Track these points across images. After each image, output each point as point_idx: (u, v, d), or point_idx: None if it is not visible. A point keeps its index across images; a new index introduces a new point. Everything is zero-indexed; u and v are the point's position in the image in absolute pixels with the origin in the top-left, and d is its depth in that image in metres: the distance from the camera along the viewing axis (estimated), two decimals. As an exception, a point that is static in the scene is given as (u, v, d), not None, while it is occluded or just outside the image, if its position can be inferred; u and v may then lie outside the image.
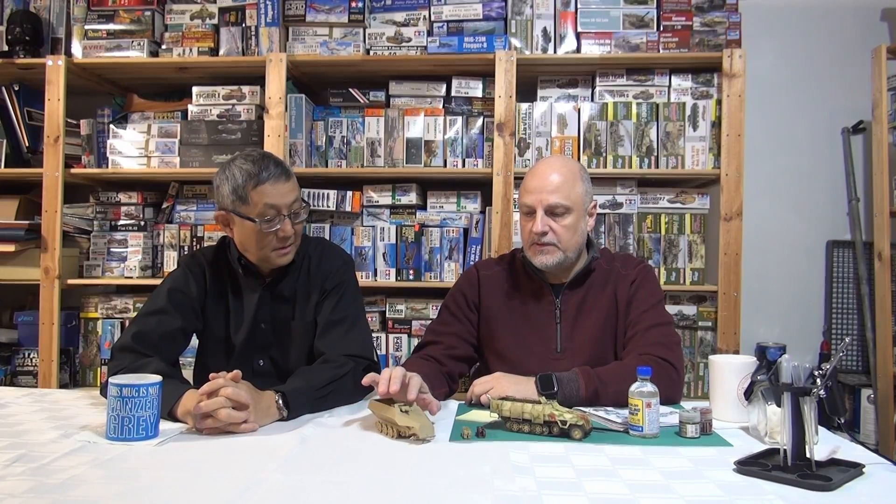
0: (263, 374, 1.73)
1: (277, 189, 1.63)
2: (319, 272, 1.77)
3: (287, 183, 1.66)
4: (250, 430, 1.36)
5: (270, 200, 1.62)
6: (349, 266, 1.84)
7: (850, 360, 2.91)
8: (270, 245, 1.66)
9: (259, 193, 1.62)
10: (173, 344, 1.69)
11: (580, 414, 1.35)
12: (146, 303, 1.73)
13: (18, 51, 2.64)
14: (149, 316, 1.67)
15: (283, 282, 1.76)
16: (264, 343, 1.76)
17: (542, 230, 1.71)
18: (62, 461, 1.17)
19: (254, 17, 2.63)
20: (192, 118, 2.67)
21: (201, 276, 1.76)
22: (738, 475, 1.15)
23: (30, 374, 2.62)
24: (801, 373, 1.20)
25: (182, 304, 1.70)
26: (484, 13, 2.59)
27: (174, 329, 1.66)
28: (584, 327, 1.76)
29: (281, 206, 1.64)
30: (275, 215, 1.64)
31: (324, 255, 1.81)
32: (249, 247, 1.69)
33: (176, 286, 1.72)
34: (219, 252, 1.80)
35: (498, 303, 1.83)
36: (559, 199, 1.72)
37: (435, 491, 1.07)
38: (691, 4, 2.55)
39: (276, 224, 1.64)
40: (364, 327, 1.80)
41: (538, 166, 1.81)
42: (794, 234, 2.94)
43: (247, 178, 1.63)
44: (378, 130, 2.63)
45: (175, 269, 1.82)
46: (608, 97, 2.59)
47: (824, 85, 2.93)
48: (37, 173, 2.60)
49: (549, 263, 1.74)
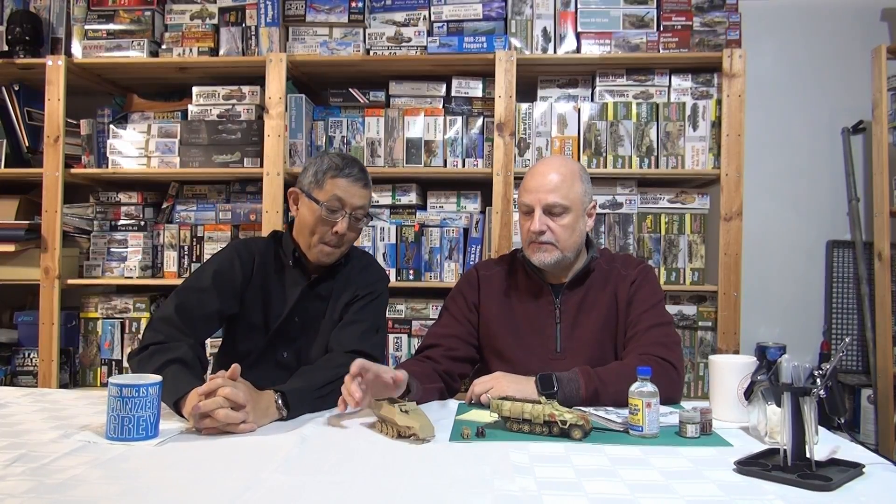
0: (286, 366, 1.75)
1: (351, 188, 1.75)
2: (359, 281, 1.84)
3: (363, 189, 1.77)
4: (249, 430, 1.36)
5: (340, 193, 1.74)
6: (385, 283, 1.92)
7: (850, 360, 2.91)
8: (323, 235, 1.75)
9: (334, 184, 1.74)
10: (208, 325, 1.74)
11: (580, 414, 1.35)
12: (190, 277, 1.78)
13: (18, 51, 2.64)
14: (192, 292, 1.71)
15: (325, 282, 1.82)
16: (293, 336, 1.80)
17: (540, 229, 1.72)
18: (62, 461, 1.17)
19: (254, 17, 2.63)
20: (192, 118, 2.67)
21: (249, 263, 1.80)
22: (738, 475, 1.15)
23: (30, 374, 2.62)
24: (801, 373, 1.20)
25: (224, 288, 1.74)
26: (484, 13, 2.59)
27: (212, 311, 1.71)
28: (584, 327, 1.76)
29: (347, 202, 1.74)
30: (339, 208, 1.74)
31: (367, 267, 1.89)
32: (305, 230, 1.77)
33: (222, 269, 1.76)
34: (270, 243, 1.86)
35: (498, 303, 1.83)
36: (557, 198, 1.72)
37: (435, 491, 1.07)
38: (691, 4, 2.55)
39: (336, 216, 1.74)
40: (380, 333, 1.84)
41: (537, 166, 1.81)
42: (794, 234, 2.94)
43: (330, 167, 1.76)
44: (378, 130, 2.63)
45: (223, 249, 1.86)
46: (608, 97, 2.59)
47: (824, 85, 2.93)
48: (37, 173, 2.60)
49: (547, 262, 1.74)
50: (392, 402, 1.39)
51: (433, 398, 1.66)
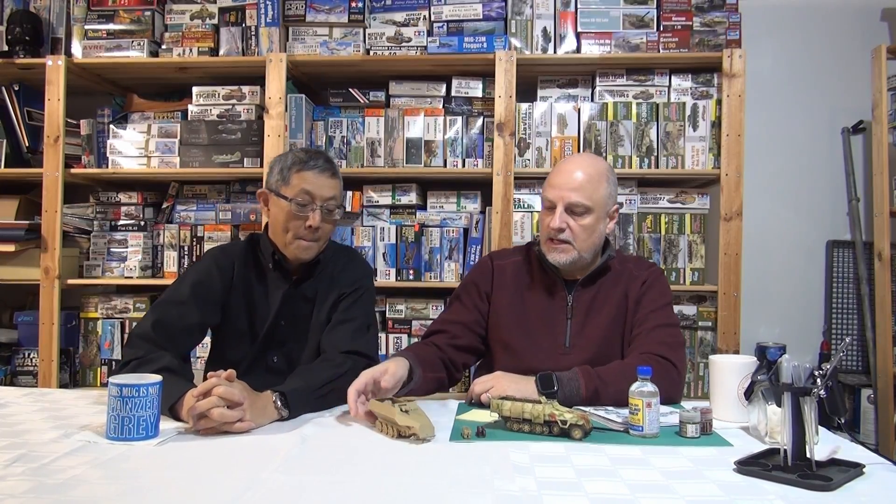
0: (276, 371, 1.74)
1: (318, 179, 1.73)
2: (343, 278, 1.82)
3: (330, 179, 1.75)
4: (246, 430, 1.35)
5: (308, 187, 1.72)
6: (370, 277, 1.92)
7: (850, 360, 2.91)
8: (297, 231, 1.72)
9: (300, 177, 1.72)
10: (189, 338, 1.72)
11: (580, 413, 1.35)
12: (168, 290, 1.75)
13: (18, 51, 2.64)
14: (170, 306, 1.69)
15: (307, 281, 1.80)
16: (281, 339, 1.79)
17: (560, 226, 1.71)
18: (62, 461, 1.17)
19: (254, 17, 2.63)
20: (192, 118, 2.67)
21: (229, 270, 1.78)
22: (738, 475, 1.15)
23: (30, 374, 2.62)
24: (802, 373, 1.20)
25: (204, 299, 1.72)
26: (484, 13, 2.59)
27: (193, 324, 1.69)
28: (594, 325, 1.76)
29: (316, 195, 1.72)
30: (308, 201, 1.72)
31: (349, 263, 1.87)
32: (278, 228, 1.75)
33: (200, 279, 1.74)
34: (248, 248, 1.84)
35: (509, 294, 1.82)
36: (580, 198, 1.71)
37: (435, 491, 1.07)
38: (691, 4, 2.55)
39: (307, 210, 1.71)
40: (372, 330, 1.83)
41: (566, 162, 1.80)
42: (794, 234, 2.94)
43: (295, 162, 1.74)
44: (378, 130, 2.63)
45: (202, 259, 1.84)
46: (608, 97, 2.59)
47: (824, 85, 2.93)
48: (37, 173, 2.60)
49: (562, 261, 1.74)
50: (392, 401, 1.39)
51: (432, 388, 1.67)
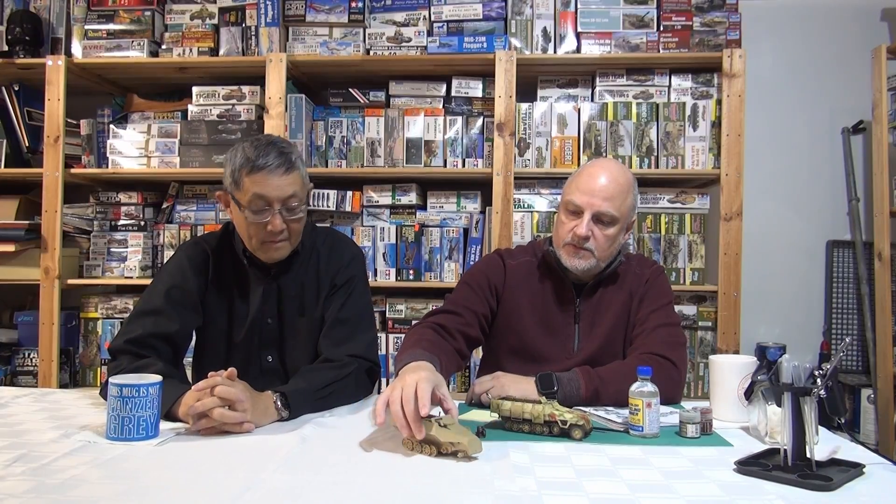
0: (272, 372, 1.69)
1: (272, 181, 1.54)
2: (329, 267, 1.70)
3: (285, 176, 1.55)
4: (247, 430, 1.34)
5: (261, 191, 1.54)
6: (359, 260, 1.76)
7: (850, 360, 2.91)
8: (259, 236, 1.58)
9: (252, 181, 1.54)
10: (171, 347, 1.60)
11: (580, 414, 1.35)
12: (142, 298, 1.65)
13: (18, 51, 2.64)
14: (144, 317, 1.59)
15: (288, 274, 1.68)
16: (271, 339, 1.69)
17: (586, 234, 1.67)
18: (62, 461, 1.17)
19: (254, 17, 2.63)
20: (192, 118, 2.67)
21: (204, 266, 1.66)
22: (738, 475, 1.15)
23: (30, 374, 2.62)
24: (802, 373, 1.20)
25: (180, 303, 1.61)
26: (484, 13, 2.59)
27: (171, 332, 1.58)
28: (601, 326, 1.75)
29: (272, 198, 1.55)
30: (264, 207, 1.55)
31: (333, 249, 1.73)
32: (242, 233, 1.62)
33: (174, 283, 1.63)
34: (223, 239, 1.71)
35: (520, 295, 1.79)
36: (610, 208, 1.67)
37: (435, 491, 1.07)
38: (691, 4, 2.55)
39: (264, 216, 1.55)
40: (370, 328, 1.74)
41: (595, 167, 1.74)
42: (794, 234, 2.94)
43: (244, 162, 1.55)
44: (378, 130, 2.63)
45: (173, 257, 1.70)
46: (608, 97, 2.59)
47: (824, 85, 2.93)
48: (37, 173, 2.60)
49: (581, 268, 1.71)
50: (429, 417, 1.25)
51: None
